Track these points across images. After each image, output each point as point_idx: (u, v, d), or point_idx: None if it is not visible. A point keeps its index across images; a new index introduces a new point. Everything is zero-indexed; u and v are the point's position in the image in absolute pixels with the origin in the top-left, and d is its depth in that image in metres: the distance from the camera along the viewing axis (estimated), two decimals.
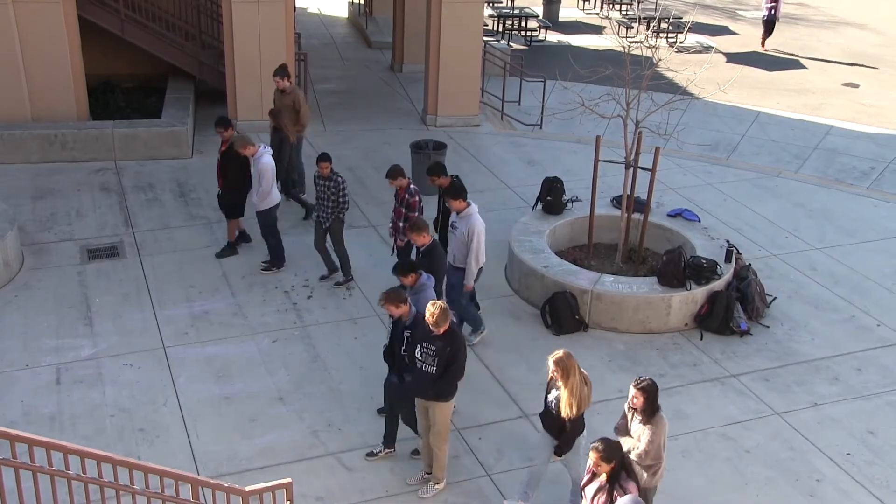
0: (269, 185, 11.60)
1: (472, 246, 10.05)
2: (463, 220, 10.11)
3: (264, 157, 11.56)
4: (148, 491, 6.92)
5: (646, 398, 7.19)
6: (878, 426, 9.62)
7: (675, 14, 24.85)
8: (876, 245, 13.61)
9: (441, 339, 7.89)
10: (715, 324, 11.09)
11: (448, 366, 7.95)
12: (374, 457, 8.78)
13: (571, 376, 7.47)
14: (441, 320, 7.79)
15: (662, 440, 7.32)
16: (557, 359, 7.47)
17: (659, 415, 7.30)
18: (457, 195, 10.10)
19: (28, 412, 9.25)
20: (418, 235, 9.56)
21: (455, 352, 7.94)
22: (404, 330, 8.27)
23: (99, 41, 17.14)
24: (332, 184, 11.29)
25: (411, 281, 8.75)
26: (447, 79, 17.05)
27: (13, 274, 11.71)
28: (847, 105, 20.37)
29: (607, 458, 6.49)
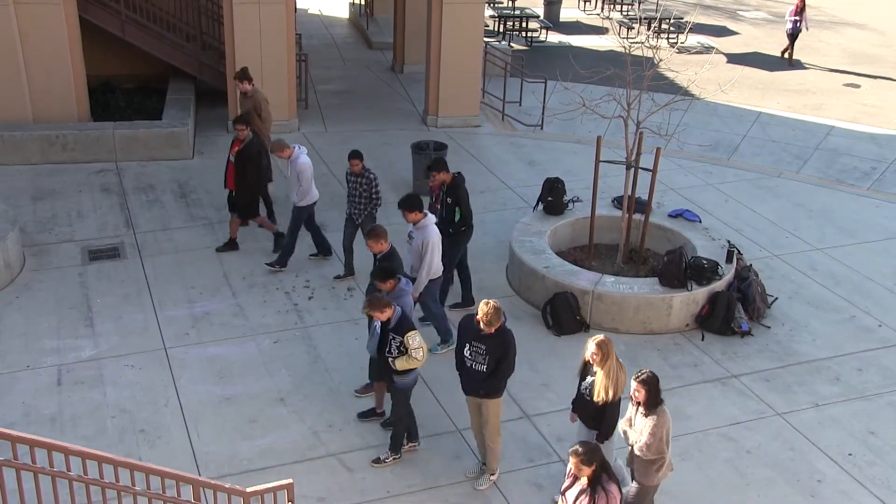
0: (309, 184, 11.85)
1: (425, 258, 9.88)
2: (419, 231, 9.94)
3: (301, 158, 11.78)
4: (149, 492, 6.92)
5: (647, 390, 7.21)
6: (878, 426, 9.61)
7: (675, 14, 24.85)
8: (877, 245, 13.60)
9: (491, 338, 7.97)
10: (716, 324, 11.09)
11: (498, 364, 8.03)
12: (380, 464, 8.74)
13: (609, 359, 7.57)
14: (493, 319, 7.86)
15: (665, 434, 7.32)
16: (600, 341, 7.59)
17: (661, 408, 7.31)
18: (412, 206, 9.90)
19: (29, 413, 9.26)
20: (375, 243, 9.39)
21: (506, 349, 8.02)
22: (389, 332, 8.26)
23: (100, 42, 17.16)
24: (364, 180, 11.46)
25: (391, 286, 8.70)
26: (448, 79, 17.05)
27: (14, 275, 11.72)
28: (848, 105, 20.37)
29: (588, 461, 6.43)
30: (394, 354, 8.26)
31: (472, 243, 12.96)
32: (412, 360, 8.23)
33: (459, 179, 11.04)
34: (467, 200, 11.04)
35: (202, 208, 13.81)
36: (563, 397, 9.77)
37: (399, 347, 8.23)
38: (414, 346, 8.17)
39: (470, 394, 8.30)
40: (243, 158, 12.04)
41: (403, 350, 8.21)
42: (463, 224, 11.02)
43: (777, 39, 26.13)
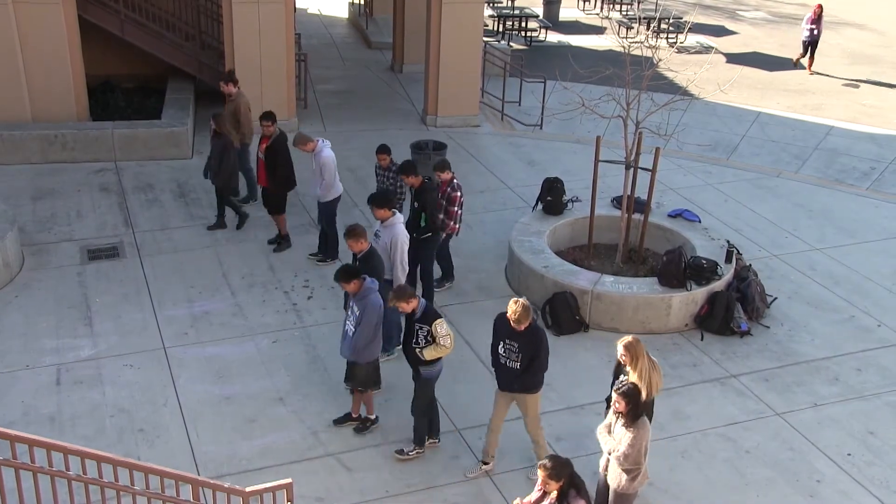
0: (332, 178, 11.93)
1: (395, 257, 9.76)
2: (387, 229, 9.83)
3: (325, 151, 11.86)
4: (148, 491, 6.92)
5: (627, 402, 7.13)
6: (877, 426, 9.62)
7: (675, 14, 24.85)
8: (876, 245, 13.61)
9: (523, 336, 8.08)
10: (715, 324, 11.09)
11: (531, 361, 8.13)
12: (403, 456, 8.83)
13: (640, 360, 7.57)
14: (522, 318, 7.97)
15: (644, 445, 7.25)
16: (627, 343, 7.60)
17: (642, 419, 7.24)
18: (381, 204, 9.82)
19: (28, 412, 9.25)
20: (356, 242, 9.26)
21: (537, 347, 8.11)
22: (415, 323, 8.34)
23: (99, 42, 17.15)
24: (392, 174, 11.60)
25: (355, 287, 8.56)
26: (447, 79, 17.05)
27: (13, 274, 11.71)
28: (847, 105, 20.37)
29: (556, 475, 6.36)
30: (421, 344, 8.33)
31: (471, 243, 13.01)
32: (441, 349, 8.32)
33: (428, 185, 10.96)
34: (435, 206, 10.97)
35: (201, 208, 13.81)
36: (562, 397, 9.78)
37: (426, 337, 8.31)
38: (442, 334, 8.27)
39: (505, 389, 8.41)
40: (273, 154, 12.16)
41: (430, 339, 8.29)
42: (428, 230, 10.91)
43: (776, 39, 26.14)
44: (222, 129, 12.60)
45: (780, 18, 29.22)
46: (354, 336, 8.64)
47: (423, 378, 8.56)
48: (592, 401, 9.77)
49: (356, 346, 8.67)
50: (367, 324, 8.56)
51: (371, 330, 8.61)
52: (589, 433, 9.26)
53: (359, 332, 8.59)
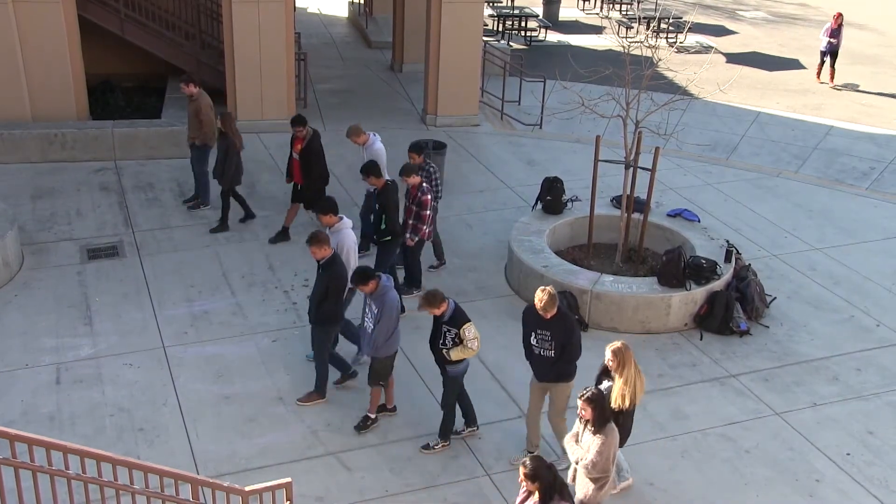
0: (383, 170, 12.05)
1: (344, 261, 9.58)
2: (333, 234, 9.69)
3: (376, 144, 12.14)
4: (148, 490, 6.92)
5: (593, 409, 7.06)
6: (877, 426, 9.62)
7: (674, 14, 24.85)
8: (876, 245, 13.61)
9: (554, 324, 8.22)
10: (714, 324, 11.09)
11: (564, 348, 8.24)
12: (429, 450, 8.90)
13: (627, 367, 7.60)
14: (548, 305, 8.12)
15: (612, 453, 7.17)
16: (616, 349, 7.62)
17: (610, 426, 7.17)
18: (326, 210, 9.71)
19: (27, 412, 9.25)
20: (318, 248, 9.16)
21: (569, 332, 8.23)
22: (443, 325, 8.47)
23: (99, 41, 17.15)
24: (424, 172, 11.62)
25: (373, 287, 8.70)
26: (447, 78, 17.05)
27: (13, 273, 11.71)
28: (847, 105, 20.37)
29: (532, 476, 6.29)
30: (448, 346, 8.49)
31: (471, 242, 13.02)
32: (467, 350, 8.48)
33: (391, 187, 10.91)
34: (396, 209, 10.90)
35: (201, 207, 13.79)
36: None
37: (454, 339, 8.46)
38: (469, 337, 8.43)
39: (542, 380, 8.50)
40: (308, 154, 12.43)
41: (458, 341, 8.45)
42: (388, 233, 10.84)
43: (776, 39, 26.14)
44: (228, 129, 12.66)
45: (780, 18, 29.22)
46: (374, 332, 8.78)
47: (450, 376, 8.73)
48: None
49: (376, 343, 8.82)
50: (387, 320, 8.73)
51: (391, 326, 8.78)
52: None
53: (378, 329, 8.74)
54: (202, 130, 13.28)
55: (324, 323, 9.28)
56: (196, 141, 13.37)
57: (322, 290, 9.13)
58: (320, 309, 9.18)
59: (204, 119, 13.27)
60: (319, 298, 9.15)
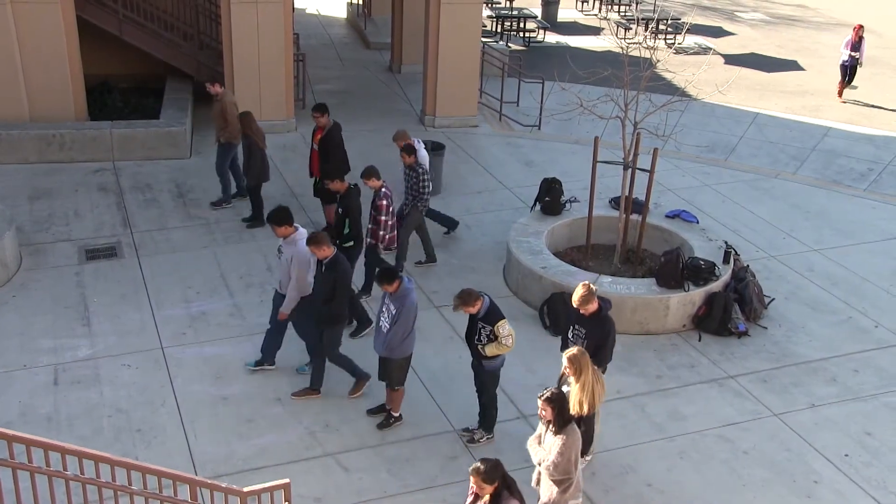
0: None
1: (293, 273, 9.44)
2: (288, 245, 9.50)
3: (421, 151, 12.24)
4: (146, 491, 6.91)
5: (553, 409, 6.97)
6: (875, 427, 9.62)
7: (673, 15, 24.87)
8: (874, 246, 13.62)
9: (591, 322, 8.32)
10: (713, 325, 11.09)
11: (598, 348, 8.27)
12: (474, 444, 8.99)
13: (584, 373, 7.58)
14: (585, 300, 8.23)
15: (575, 455, 7.07)
16: (572, 355, 7.60)
17: (571, 426, 7.07)
18: (281, 220, 9.45)
19: (25, 412, 9.25)
20: (318, 249, 9.16)
21: (605, 335, 8.30)
22: (478, 322, 8.54)
23: (97, 41, 17.13)
24: (413, 173, 11.66)
25: (395, 287, 8.73)
26: (446, 80, 17.05)
27: (11, 274, 11.70)
28: (845, 107, 20.38)
29: (489, 478, 6.21)
30: (483, 342, 8.58)
31: (469, 243, 13.03)
32: (502, 347, 8.57)
33: (353, 191, 10.74)
34: (359, 215, 10.75)
35: (199, 208, 13.80)
36: None
37: (489, 336, 8.53)
38: (504, 334, 8.51)
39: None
40: (326, 145, 12.47)
41: (493, 338, 8.52)
42: (351, 238, 10.69)
43: (774, 41, 26.17)
44: (248, 129, 12.78)
45: (778, 20, 29.25)
46: (390, 333, 8.78)
47: (486, 371, 8.82)
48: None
49: (391, 343, 8.82)
50: (404, 322, 8.76)
51: (407, 328, 8.81)
52: None
53: (394, 330, 8.74)
54: (226, 129, 13.42)
55: (330, 323, 9.32)
56: (220, 139, 13.54)
57: (328, 290, 9.15)
58: (326, 309, 9.20)
59: (228, 118, 13.41)
60: (325, 298, 9.17)
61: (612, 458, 8.99)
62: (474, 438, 9.03)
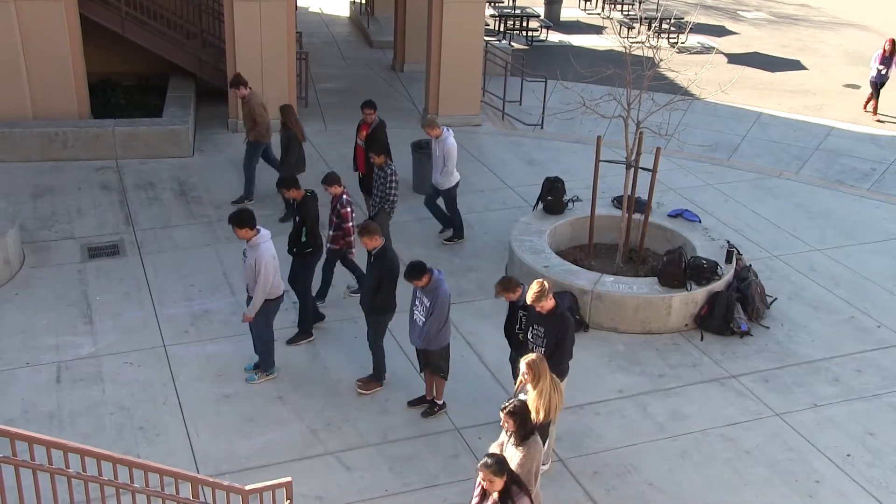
0: (453, 165, 12.38)
1: (259, 278, 9.24)
2: (251, 249, 9.26)
3: (450, 139, 12.30)
4: (148, 489, 6.92)
5: (515, 421, 6.85)
6: (877, 427, 9.62)
7: (676, 14, 24.85)
8: (876, 246, 13.61)
9: (549, 321, 8.25)
10: (715, 324, 11.09)
11: (557, 347, 8.23)
12: None
13: (542, 380, 7.36)
14: (539, 296, 8.15)
15: (536, 467, 6.97)
16: (530, 361, 7.36)
17: (533, 438, 6.92)
18: (243, 223, 9.15)
19: (28, 410, 9.26)
20: (370, 239, 9.23)
21: (564, 331, 8.24)
22: (519, 309, 8.60)
23: (100, 39, 17.14)
24: (382, 174, 11.59)
25: (426, 281, 8.85)
26: (448, 78, 17.04)
27: (13, 272, 11.71)
28: (848, 106, 20.36)
29: (499, 471, 6.20)
30: (523, 331, 8.62)
31: (471, 243, 13.03)
32: None
33: (310, 199, 10.50)
34: (316, 222, 10.54)
35: (202, 206, 13.81)
36: None
37: None
38: None
39: None
40: (371, 141, 12.57)
41: None
42: (309, 245, 10.48)
43: (777, 40, 26.14)
44: (288, 121, 12.96)
45: (781, 19, 29.21)
46: (426, 325, 8.91)
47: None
48: (591, 400, 9.79)
49: (428, 335, 8.95)
50: (439, 313, 8.87)
51: (442, 318, 8.91)
52: (588, 432, 9.30)
53: (430, 322, 8.87)
54: (255, 129, 13.57)
55: (378, 312, 9.45)
56: (249, 138, 13.72)
57: (375, 281, 9.29)
58: (374, 299, 9.35)
59: (257, 118, 13.54)
60: (373, 289, 9.31)
61: (614, 457, 9.00)
62: None
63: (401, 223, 13.34)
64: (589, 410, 9.66)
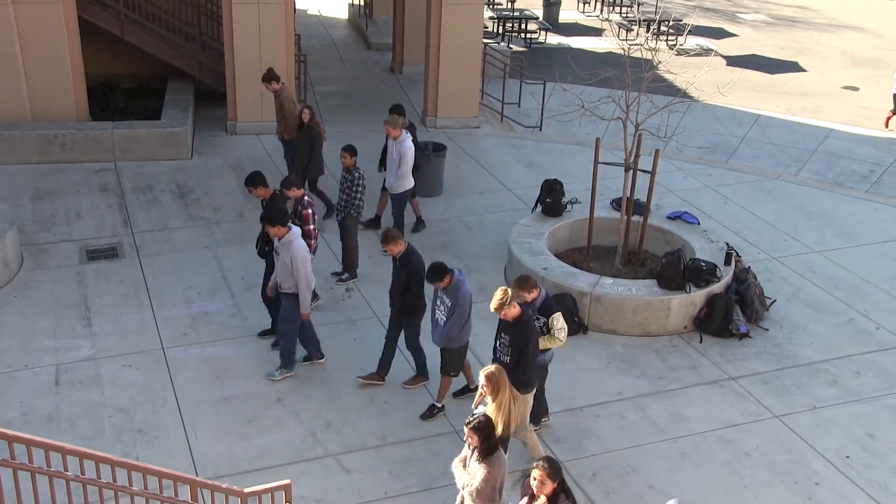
0: (408, 168, 12.37)
1: (297, 273, 9.37)
2: (284, 246, 9.39)
3: (407, 142, 12.26)
4: (146, 492, 6.91)
5: (479, 437, 6.76)
6: (876, 429, 9.62)
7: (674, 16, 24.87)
8: (875, 248, 13.61)
9: (514, 329, 8.15)
10: (714, 326, 11.09)
11: (521, 356, 8.16)
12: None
13: (501, 392, 7.24)
14: (502, 304, 8.06)
15: (499, 481, 6.86)
16: (490, 373, 7.24)
17: (497, 454, 6.81)
18: (275, 221, 9.30)
19: (26, 412, 9.25)
20: (393, 245, 9.31)
21: (526, 341, 8.14)
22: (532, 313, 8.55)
23: (99, 42, 17.14)
24: (349, 177, 11.53)
25: (447, 282, 8.91)
26: (447, 80, 17.05)
27: (12, 274, 11.70)
28: (847, 108, 20.38)
29: (553, 475, 6.13)
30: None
31: (471, 244, 13.03)
32: (554, 340, 8.62)
33: (278, 198, 10.33)
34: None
35: (201, 208, 13.81)
36: (561, 399, 9.78)
37: (542, 328, 8.57)
38: (558, 327, 8.57)
39: None
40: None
41: (546, 330, 8.56)
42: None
43: (776, 42, 26.16)
44: (312, 122, 13.06)
45: (780, 21, 29.25)
46: (447, 325, 8.97)
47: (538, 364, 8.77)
48: (590, 402, 9.78)
49: (449, 335, 9.02)
50: (461, 313, 8.93)
51: (463, 318, 8.97)
52: (588, 434, 9.30)
53: (452, 322, 8.94)
54: (286, 125, 13.70)
55: (409, 315, 9.53)
56: (284, 135, 13.86)
57: (402, 284, 9.38)
58: (403, 302, 9.44)
59: (286, 114, 13.66)
60: (401, 291, 9.39)
61: (614, 459, 8.99)
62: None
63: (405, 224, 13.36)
64: (588, 412, 9.66)
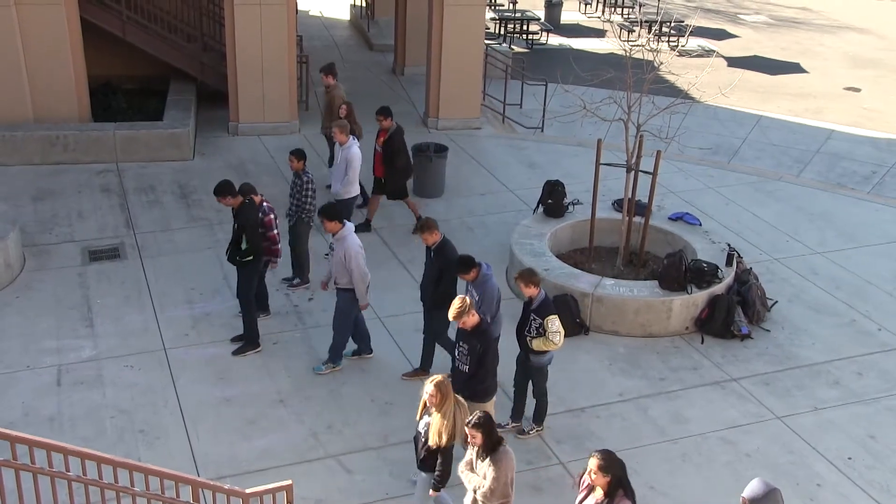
0: (355, 175, 12.29)
1: (352, 268, 9.51)
2: (339, 241, 9.56)
3: (353, 148, 12.21)
4: (148, 493, 6.92)
5: (482, 434, 6.73)
6: (878, 430, 9.61)
7: (676, 18, 24.86)
8: (877, 249, 13.60)
9: (473, 338, 8.05)
10: (715, 327, 11.08)
11: (479, 365, 8.08)
12: (524, 435, 9.13)
13: (447, 402, 7.10)
14: (460, 313, 7.92)
15: (509, 476, 6.84)
16: (438, 381, 7.09)
17: (502, 448, 6.79)
18: (332, 216, 9.52)
19: (28, 413, 9.25)
20: (430, 234, 9.49)
21: (485, 349, 8.07)
22: (531, 312, 8.59)
23: (101, 43, 17.16)
24: (298, 181, 11.40)
25: (474, 276, 8.92)
26: (449, 81, 17.06)
27: (14, 275, 11.71)
28: (848, 109, 20.37)
29: (606, 468, 6.04)
30: (532, 335, 8.64)
31: (472, 245, 13.02)
32: (548, 343, 8.63)
33: (248, 206, 10.24)
34: (255, 228, 10.27)
35: (203, 209, 13.81)
36: (562, 400, 9.78)
37: (538, 329, 8.59)
38: (552, 330, 8.58)
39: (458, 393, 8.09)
40: (390, 147, 12.83)
41: (541, 332, 8.58)
42: (250, 252, 10.25)
43: (777, 43, 26.15)
44: (349, 118, 13.21)
45: (782, 22, 29.24)
46: None
47: (534, 366, 8.89)
48: (592, 403, 9.78)
49: None
50: (489, 306, 8.92)
51: (492, 312, 8.96)
52: (589, 435, 9.30)
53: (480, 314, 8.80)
54: (332, 121, 13.67)
55: (441, 306, 9.41)
56: (328, 131, 13.99)
57: (436, 275, 9.41)
58: (436, 292, 9.45)
59: (334, 111, 13.88)
60: (434, 282, 9.41)
61: None
62: (524, 430, 9.15)
63: (401, 225, 13.38)
64: (590, 413, 9.66)
